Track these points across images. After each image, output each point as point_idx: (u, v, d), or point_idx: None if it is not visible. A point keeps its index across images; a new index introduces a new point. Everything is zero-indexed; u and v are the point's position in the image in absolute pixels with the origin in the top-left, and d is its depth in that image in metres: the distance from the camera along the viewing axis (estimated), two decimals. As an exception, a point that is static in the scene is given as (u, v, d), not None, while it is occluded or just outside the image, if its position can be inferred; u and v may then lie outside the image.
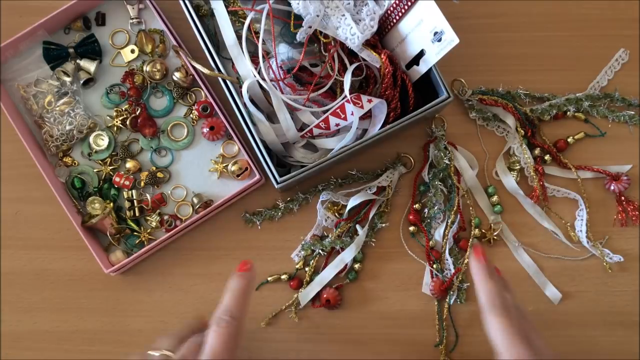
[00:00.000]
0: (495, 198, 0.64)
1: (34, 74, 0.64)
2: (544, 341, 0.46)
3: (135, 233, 0.63)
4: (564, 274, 0.63)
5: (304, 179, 0.60)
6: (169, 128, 0.65)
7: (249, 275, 0.48)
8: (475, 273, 0.49)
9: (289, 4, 0.56)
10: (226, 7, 0.58)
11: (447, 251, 0.63)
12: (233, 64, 0.59)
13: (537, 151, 0.65)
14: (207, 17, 0.63)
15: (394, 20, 0.58)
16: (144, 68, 0.65)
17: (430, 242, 0.63)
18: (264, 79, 0.56)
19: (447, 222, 0.63)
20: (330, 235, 0.63)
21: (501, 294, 0.47)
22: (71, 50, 0.64)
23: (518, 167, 0.65)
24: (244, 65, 0.58)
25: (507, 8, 0.67)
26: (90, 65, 0.64)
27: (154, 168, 0.64)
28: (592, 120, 0.66)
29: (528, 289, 0.63)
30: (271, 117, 0.60)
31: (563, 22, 0.67)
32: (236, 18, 0.61)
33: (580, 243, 0.63)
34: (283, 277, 0.63)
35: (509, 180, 0.64)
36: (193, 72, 0.63)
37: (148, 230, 0.63)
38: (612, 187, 0.64)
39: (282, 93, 0.58)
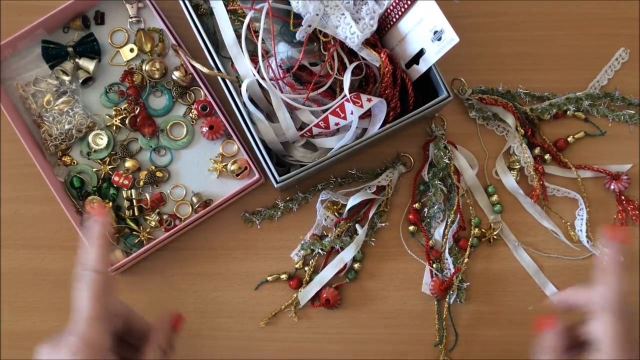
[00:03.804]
0: (495, 197, 0.64)
1: (32, 73, 0.64)
2: None
3: (134, 232, 0.63)
4: (564, 273, 0.63)
5: (303, 179, 0.60)
6: (168, 127, 0.65)
7: (107, 220, 0.46)
8: (612, 263, 0.44)
9: (289, 3, 0.56)
10: (225, 6, 0.58)
11: (447, 251, 0.62)
12: (232, 63, 0.59)
13: (537, 150, 0.65)
14: (206, 16, 0.63)
15: (394, 19, 0.58)
16: (143, 67, 0.64)
17: (430, 242, 0.63)
18: (263, 78, 0.56)
19: (447, 222, 0.63)
20: (329, 235, 0.63)
21: (627, 294, 0.43)
22: (70, 49, 0.64)
23: (518, 166, 0.65)
24: (243, 64, 0.58)
25: (507, 7, 0.67)
26: (89, 65, 0.64)
27: (153, 167, 0.64)
28: (592, 119, 0.66)
29: (528, 288, 0.63)
30: (270, 117, 0.60)
31: (563, 21, 0.67)
32: (235, 17, 0.61)
33: (580, 242, 0.63)
34: (282, 276, 0.63)
35: (509, 180, 0.64)
36: (192, 71, 0.63)
37: (147, 230, 0.63)
38: (612, 187, 0.64)
39: (282, 92, 0.58)
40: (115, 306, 0.46)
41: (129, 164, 0.64)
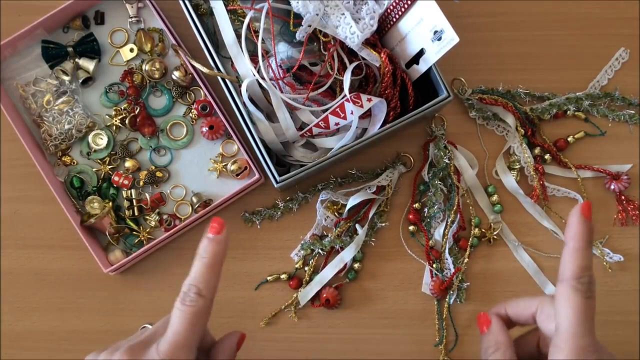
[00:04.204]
0: (495, 197, 0.64)
1: (32, 73, 0.64)
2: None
3: (134, 232, 0.63)
4: (564, 273, 0.63)
5: (303, 178, 0.60)
6: (168, 127, 0.65)
7: (222, 238, 0.42)
8: (573, 235, 0.40)
9: (289, 3, 0.56)
10: (225, 6, 0.58)
11: (447, 251, 0.62)
12: (232, 63, 0.59)
13: (537, 150, 0.65)
14: (206, 16, 0.63)
15: (394, 19, 0.58)
16: (143, 67, 0.64)
17: (430, 242, 0.63)
18: (263, 78, 0.56)
19: (447, 222, 0.63)
20: (329, 235, 0.63)
21: (591, 269, 0.39)
22: (70, 49, 0.64)
23: (518, 166, 0.65)
24: (243, 64, 0.58)
25: (507, 7, 0.67)
26: (89, 64, 0.64)
27: (153, 167, 0.64)
28: (592, 119, 0.66)
29: (528, 288, 0.63)
30: (270, 116, 0.60)
31: (563, 21, 0.67)
32: (235, 17, 0.61)
33: (581, 242, 0.63)
34: (282, 276, 0.63)
35: (509, 180, 0.64)
36: (192, 71, 0.63)
37: (147, 230, 0.63)
38: (612, 187, 0.64)
39: (282, 92, 0.58)
40: (203, 337, 0.44)
41: (128, 163, 0.63)
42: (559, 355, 0.38)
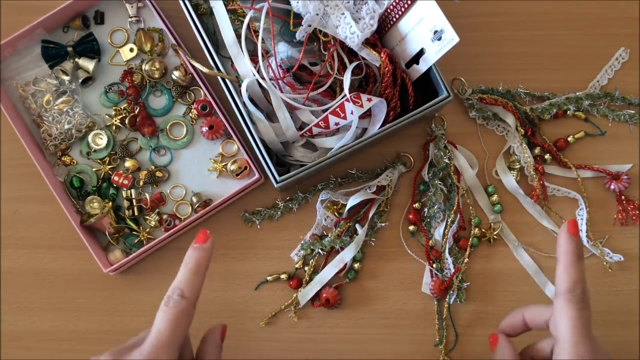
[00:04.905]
0: (495, 197, 0.64)
1: (32, 72, 0.64)
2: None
3: (134, 232, 0.63)
4: (564, 273, 0.63)
5: (303, 178, 0.60)
6: (168, 127, 0.64)
7: (207, 247, 0.45)
8: (564, 252, 0.44)
9: (289, 3, 0.56)
10: (225, 5, 0.58)
11: (447, 251, 0.62)
12: (232, 62, 0.59)
13: (537, 150, 0.65)
14: (206, 16, 0.63)
15: (394, 19, 0.57)
16: (143, 67, 0.64)
17: (430, 242, 0.63)
18: (263, 78, 0.56)
19: (447, 222, 0.63)
20: (329, 235, 0.63)
21: (584, 282, 0.43)
22: (70, 49, 0.64)
23: (518, 166, 0.65)
24: (243, 64, 0.57)
25: (507, 7, 0.67)
26: (89, 64, 0.64)
27: (153, 167, 0.64)
28: (592, 119, 0.66)
29: (528, 288, 0.63)
30: (270, 116, 0.60)
31: (563, 21, 0.67)
32: (235, 17, 0.61)
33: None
34: (282, 276, 0.63)
35: (509, 180, 0.64)
36: (192, 71, 0.63)
37: (147, 230, 0.63)
38: (612, 187, 0.64)
39: (282, 92, 0.58)
40: (184, 347, 0.45)
41: (128, 163, 0.63)
42: None
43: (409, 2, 0.55)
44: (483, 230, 0.63)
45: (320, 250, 0.63)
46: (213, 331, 0.50)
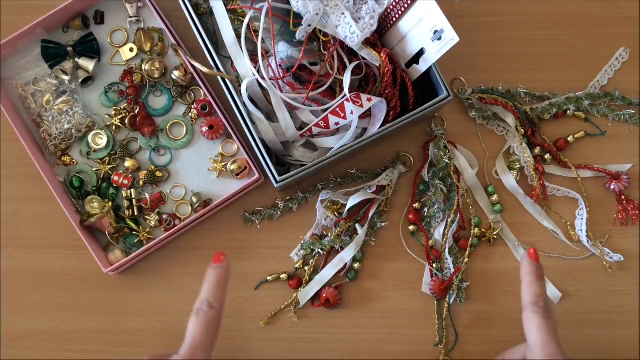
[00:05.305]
0: (495, 197, 0.64)
1: (32, 72, 0.64)
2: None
3: (134, 232, 0.63)
4: (564, 273, 0.63)
5: (303, 178, 0.60)
6: (168, 127, 0.64)
7: (224, 265, 0.50)
8: (526, 272, 0.50)
9: (289, 3, 0.56)
10: (225, 5, 0.58)
11: (447, 250, 0.62)
12: (232, 62, 0.59)
13: (537, 150, 0.65)
14: (206, 16, 0.63)
15: (394, 19, 0.57)
16: (143, 67, 0.64)
17: (430, 242, 0.63)
18: (263, 78, 0.56)
19: (447, 222, 0.63)
20: (329, 235, 0.63)
21: (545, 296, 0.49)
22: (70, 48, 0.64)
23: (518, 166, 0.65)
24: (243, 63, 0.57)
25: (507, 7, 0.67)
26: (88, 64, 0.64)
27: (153, 167, 0.64)
28: (593, 119, 0.66)
29: (528, 288, 0.63)
30: (270, 116, 0.60)
31: (563, 20, 0.67)
32: (235, 16, 0.61)
33: (581, 242, 0.63)
34: (282, 276, 0.63)
35: (509, 180, 0.64)
36: (192, 70, 0.63)
37: (147, 230, 0.63)
38: (612, 186, 0.64)
39: (282, 92, 0.58)
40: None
41: (128, 163, 0.63)
42: None
43: (409, 2, 0.55)
44: (483, 230, 0.63)
45: (320, 250, 0.63)
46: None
